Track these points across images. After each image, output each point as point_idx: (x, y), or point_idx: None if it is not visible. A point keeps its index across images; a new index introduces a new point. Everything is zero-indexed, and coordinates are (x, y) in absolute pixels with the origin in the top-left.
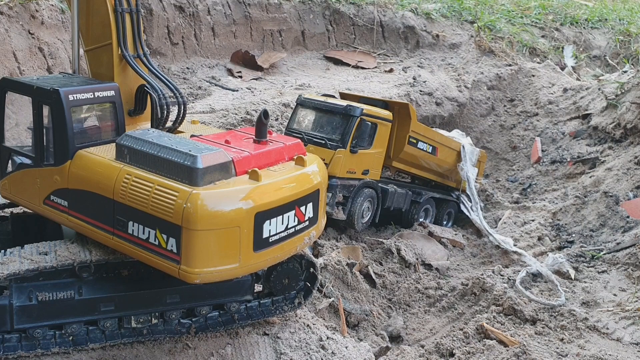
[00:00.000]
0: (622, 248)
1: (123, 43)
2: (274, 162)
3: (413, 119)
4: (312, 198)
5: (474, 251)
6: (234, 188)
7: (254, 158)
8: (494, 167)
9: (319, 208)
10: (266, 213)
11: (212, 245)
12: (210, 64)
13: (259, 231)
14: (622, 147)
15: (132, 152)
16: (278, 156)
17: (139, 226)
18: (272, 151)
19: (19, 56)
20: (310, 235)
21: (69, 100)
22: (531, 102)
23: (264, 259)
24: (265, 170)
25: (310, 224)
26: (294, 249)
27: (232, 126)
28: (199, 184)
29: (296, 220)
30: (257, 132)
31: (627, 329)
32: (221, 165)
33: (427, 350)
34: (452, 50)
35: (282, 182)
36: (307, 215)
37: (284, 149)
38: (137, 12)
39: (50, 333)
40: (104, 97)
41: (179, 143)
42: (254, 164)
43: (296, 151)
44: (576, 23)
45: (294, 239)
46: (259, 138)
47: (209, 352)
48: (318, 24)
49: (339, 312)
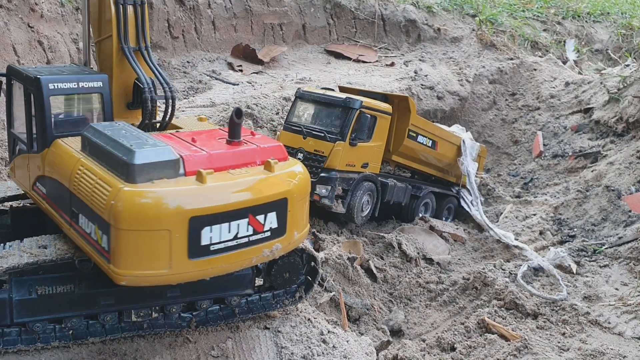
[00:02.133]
0: (624, 242)
1: (124, 35)
2: (239, 165)
3: (413, 112)
4: (276, 207)
5: (475, 245)
6: (167, 188)
7: (211, 158)
8: (495, 161)
9: (288, 218)
10: (205, 218)
11: (139, 247)
12: (211, 58)
13: (196, 237)
14: (624, 141)
15: (90, 144)
16: (246, 159)
17: (86, 220)
18: (238, 153)
19: (18, 49)
20: (272, 248)
21: (49, 88)
22: (533, 96)
23: (203, 268)
24: (222, 172)
25: (274, 236)
26: (246, 261)
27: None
28: (135, 180)
29: (250, 229)
30: (229, 132)
31: (628, 323)
32: (163, 163)
33: (428, 344)
34: (453, 44)
35: (231, 186)
36: (268, 226)
37: (256, 152)
38: (141, 4)
39: (50, 327)
40: (90, 87)
41: (131, 138)
42: (211, 164)
43: (273, 155)
44: (578, 17)
45: (246, 250)
46: (231, 138)
47: (210, 346)
48: (319, 18)
49: (340, 306)
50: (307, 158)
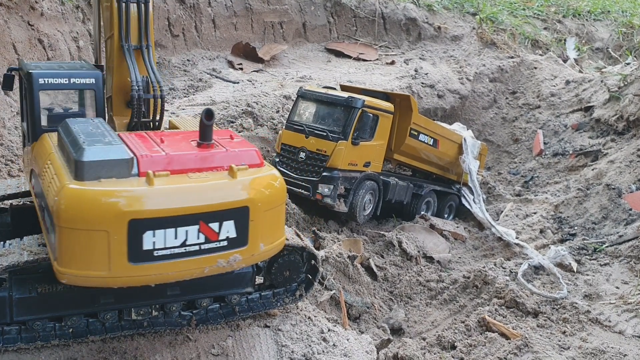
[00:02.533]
0: (624, 241)
1: (125, 34)
2: (203, 169)
3: (414, 111)
4: (235, 215)
5: (475, 244)
6: (106, 188)
7: (169, 160)
8: (495, 159)
9: (250, 228)
10: (147, 222)
11: (78, 246)
12: (211, 56)
13: (137, 241)
14: (624, 139)
15: (59, 139)
16: (211, 163)
17: (47, 215)
18: (202, 156)
19: (18, 48)
20: (229, 259)
21: (39, 83)
22: (533, 94)
23: (145, 274)
24: (180, 175)
25: (232, 246)
26: (197, 270)
27: (232, 118)
28: (83, 178)
29: (202, 237)
30: (199, 134)
31: (629, 321)
32: (114, 162)
33: (429, 342)
34: (454, 42)
35: (180, 190)
36: (224, 235)
37: (224, 156)
38: (145, 3)
39: (50, 325)
40: (81, 84)
41: (91, 135)
42: (168, 166)
43: (244, 160)
44: (578, 15)
45: (197, 259)
46: (201, 140)
47: (210, 344)
48: (319, 16)
49: (340, 304)
50: (309, 157)
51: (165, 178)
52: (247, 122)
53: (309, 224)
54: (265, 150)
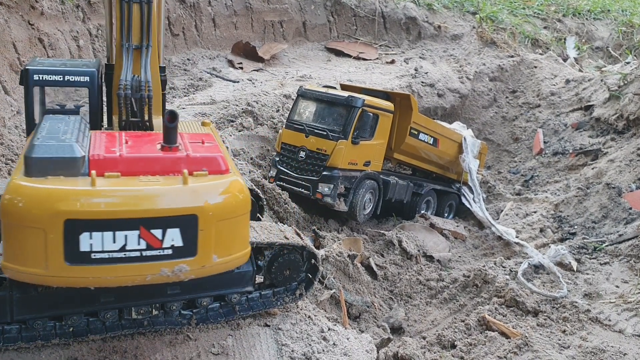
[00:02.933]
0: (624, 240)
1: (127, 33)
2: (158, 173)
3: (414, 110)
4: (181, 223)
5: (475, 243)
6: (46, 186)
7: (122, 162)
8: (495, 158)
9: (199, 238)
10: (83, 223)
11: (16, 242)
12: (211, 55)
13: (73, 242)
14: (624, 138)
15: (33, 134)
16: (168, 167)
17: None
18: (158, 159)
19: (18, 47)
20: (174, 269)
21: (34, 79)
22: (533, 93)
23: (82, 276)
24: (130, 178)
25: (177, 255)
26: (138, 277)
27: (232, 117)
28: (30, 174)
29: (143, 243)
30: (163, 136)
31: (629, 320)
32: (62, 160)
33: (429, 341)
34: (454, 41)
35: (121, 193)
36: (169, 243)
37: (183, 161)
38: (147, 3)
39: (50, 324)
40: (75, 81)
41: (53, 131)
42: (120, 168)
43: (205, 166)
44: (578, 14)
45: (138, 266)
46: (164, 143)
47: (210, 343)
48: (319, 15)
49: (340, 303)
50: (309, 156)
51: (114, 179)
52: (247, 121)
53: (309, 223)
54: (266, 149)
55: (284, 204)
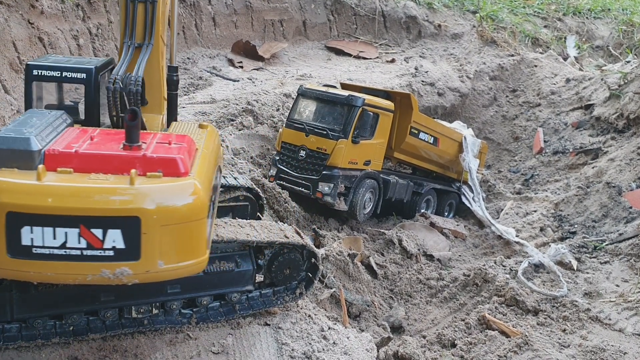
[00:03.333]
0: (624, 239)
1: (130, 32)
2: (112, 171)
3: (415, 109)
4: (122, 225)
5: (475, 242)
6: None
7: (76, 158)
8: (496, 157)
9: (142, 242)
10: (24, 217)
11: None
12: (211, 54)
13: (15, 235)
14: (624, 137)
15: None
16: (123, 166)
17: None
18: (113, 158)
19: (18, 46)
20: (116, 271)
21: (33, 74)
22: (533, 92)
23: (23, 270)
24: (80, 174)
25: (119, 257)
26: (79, 276)
27: (232, 116)
28: None
29: (83, 242)
30: (125, 134)
31: (629, 319)
32: (17, 152)
33: (429, 340)
34: (454, 40)
35: (63, 189)
36: (110, 244)
37: (138, 160)
38: (152, 3)
39: (50, 323)
40: (72, 78)
41: (20, 124)
42: (73, 164)
43: (161, 168)
44: (579, 13)
45: (78, 265)
46: (126, 142)
47: (210, 342)
48: (319, 14)
49: (340, 302)
50: (309, 155)
51: (64, 175)
52: (247, 120)
53: (309, 222)
54: (266, 148)
55: (284, 203)
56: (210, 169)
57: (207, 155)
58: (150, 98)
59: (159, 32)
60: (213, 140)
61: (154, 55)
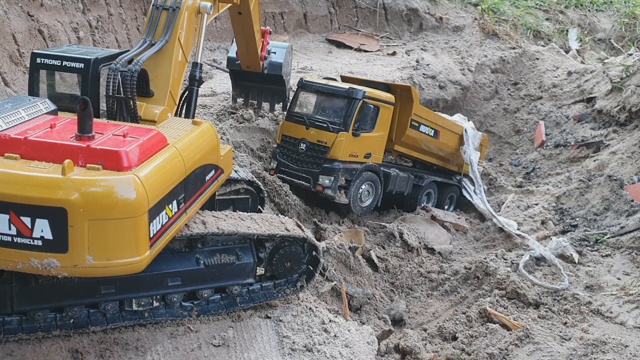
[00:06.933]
0: (626, 232)
1: (151, 31)
2: (57, 160)
3: (415, 102)
4: (49, 215)
5: (477, 235)
6: None
7: (23, 145)
8: (497, 150)
9: (70, 235)
10: None
11: None
12: (212, 47)
13: None
14: (626, 130)
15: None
16: (65, 156)
17: None
18: (57, 147)
19: (18, 38)
20: (44, 262)
21: (36, 62)
22: (535, 85)
23: None
24: (24, 161)
25: (47, 248)
26: (9, 263)
27: (233, 109)
28: None
29: (14, 229)
30: (77, 125)
31: (630, 312)
32: None
33: (430, 333)
34: (455, 33)
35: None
36: (38, 233)
37: (80, 151)
38: (174, 10)
39: (51, 316)
40: (70, 67)
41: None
42: (20, 150)
43: (103, 160)
44: (581, 5)
45: (8, 251)
46: (78, 132)
47: (211, 335)
48: (320, 7)
49: (341, 295)
50: (309, 148)
51: (8, 161)
52: (247, 113)
53: (310, 215)
54: (266, 141)
55: (284, 196)
56: (177, 166)
57: (178, 153)
58: (157, 90)
59: (176, 33)
60: (202, 137)
61: (166, 52)
